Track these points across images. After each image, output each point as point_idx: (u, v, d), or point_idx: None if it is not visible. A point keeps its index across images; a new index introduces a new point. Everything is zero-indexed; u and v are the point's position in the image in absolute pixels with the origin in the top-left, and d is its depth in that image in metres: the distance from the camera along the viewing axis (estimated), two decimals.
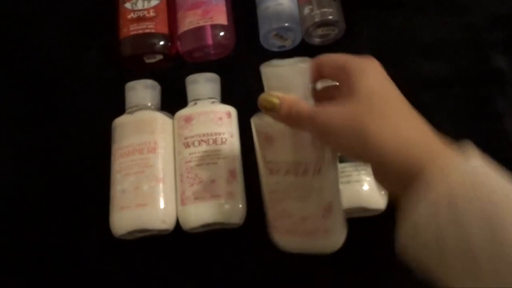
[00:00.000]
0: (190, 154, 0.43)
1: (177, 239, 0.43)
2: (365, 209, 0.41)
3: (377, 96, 0.27)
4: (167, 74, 0.51)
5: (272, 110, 0.30)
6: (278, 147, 0.32)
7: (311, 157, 0.31)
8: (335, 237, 0.34)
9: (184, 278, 0.43)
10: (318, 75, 0.31)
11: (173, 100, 0.48)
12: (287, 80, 0.31)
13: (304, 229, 0.33)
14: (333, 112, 0.27)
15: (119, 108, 0.47)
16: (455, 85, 0.49)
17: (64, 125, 0.50)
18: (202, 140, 0.43)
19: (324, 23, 0.50)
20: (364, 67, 0.28)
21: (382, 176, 0.27)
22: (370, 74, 0.28)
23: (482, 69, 0.50)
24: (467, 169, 0.23)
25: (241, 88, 0.48)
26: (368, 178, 0.41)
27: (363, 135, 0.25)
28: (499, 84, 0.49)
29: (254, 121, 0.34)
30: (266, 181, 0.34)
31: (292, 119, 0.29)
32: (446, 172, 0.22)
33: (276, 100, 0.30)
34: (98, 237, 0.43)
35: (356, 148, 0.26)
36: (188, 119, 0.44)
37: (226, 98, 0.48)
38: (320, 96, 0.31)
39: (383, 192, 0.41)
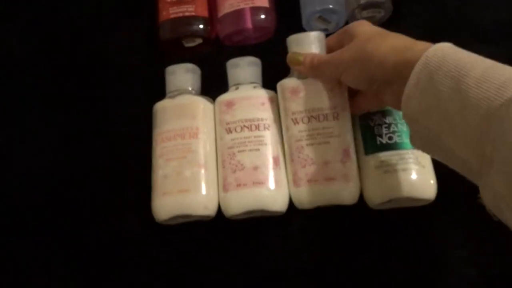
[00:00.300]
0: (232, 140, 0.42)
1: (220, 225, 0.42)
2: (413, 199, 0.39)
3: (371, 32, 0.36)
4: (207, 58, 0.50)
5: (298, 64, 0.41)
6: (302, 97, 0.41)
7: (330, 103, 0.41)
8: (353, 184, 0.40)
9: (225, 264, 0.43)
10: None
11: (213, 85, 0.47)
12: (304, 44, 0.42)
13: (326, 174, 0.39)
14: (343, 51, 0.37)
15: (160, 92, 0.47)
16: None
17: (106, 110, 0.51)
18: (244, 125, 0.42)
19: (370, 5, 0.48)
20: (358, 23, 0.38)
21: (384, 83, 0.34)
22: (364, 24, 0.38)
23: None
24: (442, 47, 0.31)
25: (282, 73, 0.47)
26: (416, 167, 0.39)
27: (365, 54, 0.34)
28: None
29: (280, 83, 0.43)
30: (291, 133, 0.41)
31: (314, 68, 0.40)
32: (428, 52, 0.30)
33: (300, 57, 0.41)
34: (140, 222, 0.43)
35: (363, 69, 0.35)
36: (229, 104, 0.44)
37: (266, 83, 0.47)
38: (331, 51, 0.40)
39: (432, 181, 0.39)
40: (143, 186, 0.43)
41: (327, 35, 0.50)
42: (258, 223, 0.42)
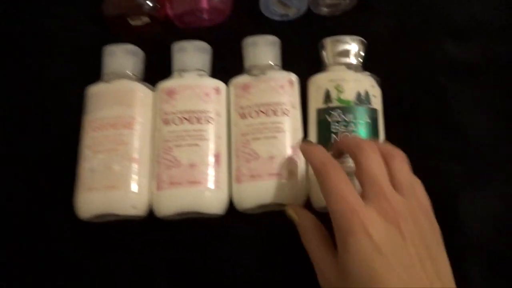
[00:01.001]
0: (169, 132, 0.38)
1: (152, 225, 0.38)
2: None
3: (372, 261, 0.26)
4: (154, 40, 0.46)
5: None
6: (252, 93, 0.39)
7: (281, 99, 0.39)
8: (298, 183, 0.37)
9: (156, 266, 0.39)
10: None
11: (158, 71, 0.43)
12: (260, 47, 0.41)
13: (271, 170, 0.37)
14: (325, 264, 0.29)
15: (98, 75, 0.42)
16: (484, 74, 0.44)
17: (37, 89, 0.46)
18: (184, 117, 0.38)
19: None
20: (352, 226, 0.26)
21: None
22: (358, 237, 0.26)
23: None
24: None
25: (235, 61, 0.43)
26: None
27: None
28: None
29: (232, 81, 0.40)
30: (238, 128, 0.38)
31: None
32: None
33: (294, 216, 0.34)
34: (66, 218, 0.39)
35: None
36: (171, 92, 0.39)
37: (216, 71, 0.43)
38: None
39: None
40: (71, 178, 0.39)
41: (288, 22, 0.47)
42: (195, 225, 0.38)
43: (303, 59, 0.43)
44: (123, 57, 0.42)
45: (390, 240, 0.26)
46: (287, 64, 0.42)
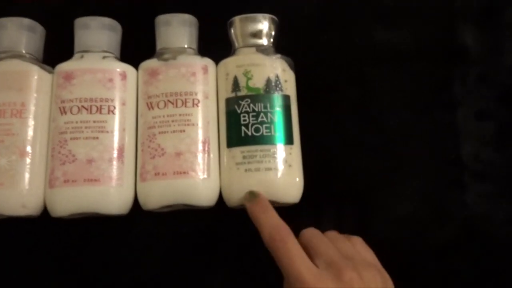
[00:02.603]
0: (65, 123, 0.35)
1: (46, 225, 0.36)
2: (275, 202, 0.35)
3: None
4: (59, 14, 0.42)
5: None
6: (161, 80, 0.36)
7: (192, 88, 0.36)
8: (211, 181, 0.36)
9: (48, 268, 0.37)
10: None
11: (63, 50, 0.39)
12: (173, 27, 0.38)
13: (178, 167, 0.35)
14: None
15: None
16: (410, 60, 0.43)
17: None
18: (83, 106, 0.35)
19: None
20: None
21: None
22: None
23: (446, 44, 0.44)
24: None
25: (149, 42, 0.39)
26: (282, 166, 0.35)
27: None
28: (462, 64, 0.43)
29: (141, 65, 0.38)
30: (144, 120, 0.36)
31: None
32: None
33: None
34: None
35: None
36: (68, 77, 0.36)
37: (127, 52, 0.39)
38: None
39: (297, 184, 0.36)
40: None
41: None
42: (96, 223, 0.36)
43: (221, 41, 0.41)
44: (16, 32, 0.38)
45: None
46: (203, 45, 0.40)
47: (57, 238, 0.37)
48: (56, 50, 0.40)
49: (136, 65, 0.38)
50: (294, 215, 0.38)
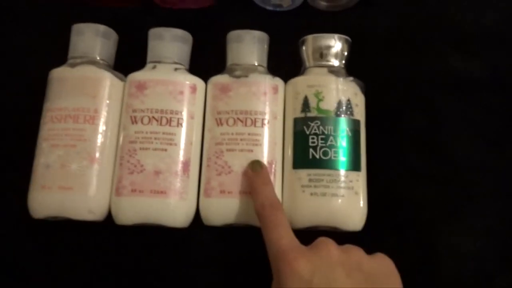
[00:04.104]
0: (136, 132, 0.36)
1: (110, 229, 0.37)
2: (337, 229, 0.36)
3: None
4: (130, 22, 0.43)
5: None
6: (231, 97, 0.37)
7: (262, 108, 0.37)
8: None
9: (110, 271, 0.38)
10: None
11: (132, 59, 0.40)
12: (245, 42, 0.39)
13: (243, 187, 0.35)
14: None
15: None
16: (485, 91, 0.42)
17: None
18: (153, 117, 0.36)
19: None
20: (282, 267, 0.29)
21: None
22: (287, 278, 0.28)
23: None
24: None
25: (217, 55, 0.40)
26: (348, 193, 0.35)
27: None
28: None
29: (211, 80, 0.38)
30: (212, 135, 0.37)
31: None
32: None
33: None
34: (17, 216, 0.37)
35: None
36: (141, 87, 0.37)
37: (195, 64, 0.40)
38: None
39: (362, 212, 0.36)
40: (26, 172, 0.37)
41: (281, 13, 0.44)
42: (157, 232, 0.37)
43: (290, 59, 0.41)
44: (92, 39, 0.39)
45: (319, 274, 0.28)
46: (272, 61, 0.40)
47: (116, 244, 0.38)
48: (125, 57, 0.41)
49: (201, 78, 0.39)
50: (354, 243, 0.38)
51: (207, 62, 0.41)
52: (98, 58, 0.39)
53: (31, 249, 0.38)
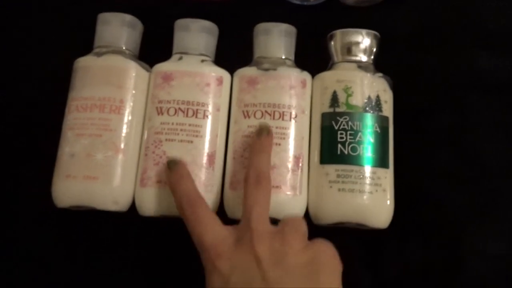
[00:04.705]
0: (162, 123, 0.36)
1: (134, 220, 0.37)
2: (363, 226, 0.35)
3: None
4: (155, 11, 0.43)
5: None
6: (259, 89, 0.36)
7: (290, 101, 0.36)
8: (301, 199, 0.36)
9: (132, 264, 0.38)
10: None
11: (157, 49, 0.40)
12: (273, 35, 0.39)
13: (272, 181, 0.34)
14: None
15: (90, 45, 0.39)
16: None
17: (18, 58, 0.43)
18: (180, 108, 0.36)
19: None
20: (206, 266, 0.30)
21: None
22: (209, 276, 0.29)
23: None
24: None
25: (242, 47, 0.40)
26: (375, 189, 0.35)
27: None
28: None
29: (238, 72, 0.38)
30: (239, 127, 0.36)
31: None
32: None
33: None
34: (40, 206, 0.37)
35: None
36: (167, 78, 0.37)
37: (220, 56, 0.40)
38: None
39: (388, 209, 0.36)
40: (50, 161, 0.37)
41: (307, 7, 0.44)
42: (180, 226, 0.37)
43: (316, 53, 0.41)
44: (118, 29, 0.39)
45: (237, 272, 0.28)
46: (298, 55, 0.40)
47: (139, 235, 0.38)
48: (150, 47, 0.41)
49: (227, 70, 0.39)
50: (379, 240, 0.37)
51: (232, 54, 0.40)
52: (124, 48, 0.39)
53: (54, 238, 0.38)
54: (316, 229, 0.36)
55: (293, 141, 0.36)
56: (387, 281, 0.37)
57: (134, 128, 0.37)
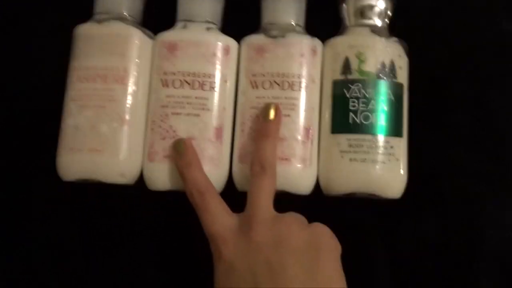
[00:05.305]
0: (167, 96, 0.35)
1: (142, 193, 0.37)
2: (376, 196, 0.35)
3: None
4: None
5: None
6: (267, 58, 0.35)
7: (300, 70, 0.35)
8: (310, 170, 0.36)
9: (140, 238, 0.38)
10: None
11: (159, 14, 0.38)
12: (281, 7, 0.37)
13: (280, 153, 0.34)
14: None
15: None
16: None
17: (15, 26, 0.42)
18: (185, 80, 0.35)
19: None
20: (214, 252, 0.31)
21: None
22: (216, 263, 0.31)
23: None
24: None
25: (249, 11, 0.38)
26: (388, 159, 0.34)
27: None
28: None
29: (245, 39, 0.36)
30: (247, 98, 0.35)
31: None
32: None
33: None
34: (50, 181, 0.37)
35: None
36: (171, 47, 0.36)
37: (226, 22, 0.38)
38: None
39: (402, 179, 0.35)
40: (55, 134, 0.36)
41: None
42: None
43: (327, 17, 0.39)
44: None
45: (241, 257, 0.29)
46: (307, 19, 0.38)
47: (147, 208, 0.38)
48: (152, 13, 0.39)
49: (233, 37, 0.37)
50: (394, 212, 0.37)
51: (238, 19, 0.39)
52: (125, 13, 0.37)
53: (62, 212, 0.39)
54: (327, 199, 0.36)
55: (303, 112, 0.35)
56: (402, 253, 0.37)
57: (139, 98, 0.36)
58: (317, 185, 0.36)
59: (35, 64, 0.41)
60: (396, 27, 0.38)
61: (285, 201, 0.36)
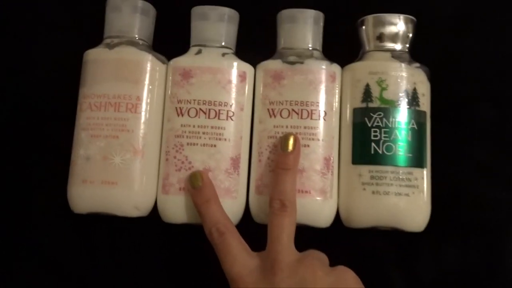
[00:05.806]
0: (182, 126, 0.34)
1: (153, 226, 0.36)
2: (399, 229, 0.34)
3: None
4: None
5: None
6: (285, 85, 0.34)
7: (319, 98, 0.34)
8: (332, 202, 0.35)
9: (152, 271, 0.37)
10: None
11: (171, 38, 0.37)
12: (299, 23, 0.36)
13: (299, 186, 0.33)
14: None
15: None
16: None
17: (24, 52, 0.41)
18: (201, 109, 0.34)
19: None
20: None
21: None
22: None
23: None
24: None
25: (264, 36, 0.37)
26: (412, 192, 0.34)
27: None
28: None
29: (262, 65, 0.35)
30: (264, 127, 0.34)
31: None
32: None
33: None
34: (56, 208, 0.36)
35: None
36: (186, 74, 0.35)
37: (240, 46, 0.37)
38: None
39: (425, 212, 0.34)
40: (65, 164, 0.35)
41: None
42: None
43: (345, 40, 0.38)
44: (130, 15, 0.36)
45: None
46: (324, 43, 0.37)
47: (160, 240, 0.37)
48: (163, 37, 0.38)
49: (248, 62, 0.36)
50: (415, 243, 0.36)
51: (254, 44, 0.38)
52: (137, 37, 0.36)
53: (72, 243, 0.38)
54: (347, 231, 0.35)
55: (323, 142, 0.34)
56: (423, 285, 0.36)
57: (153, 127, 0.35)
58: (337, 217, 0.35)
59: (44, 89, 0.40)
60: (416, 50, 0.36)
61: (304, 233, 0.35)
